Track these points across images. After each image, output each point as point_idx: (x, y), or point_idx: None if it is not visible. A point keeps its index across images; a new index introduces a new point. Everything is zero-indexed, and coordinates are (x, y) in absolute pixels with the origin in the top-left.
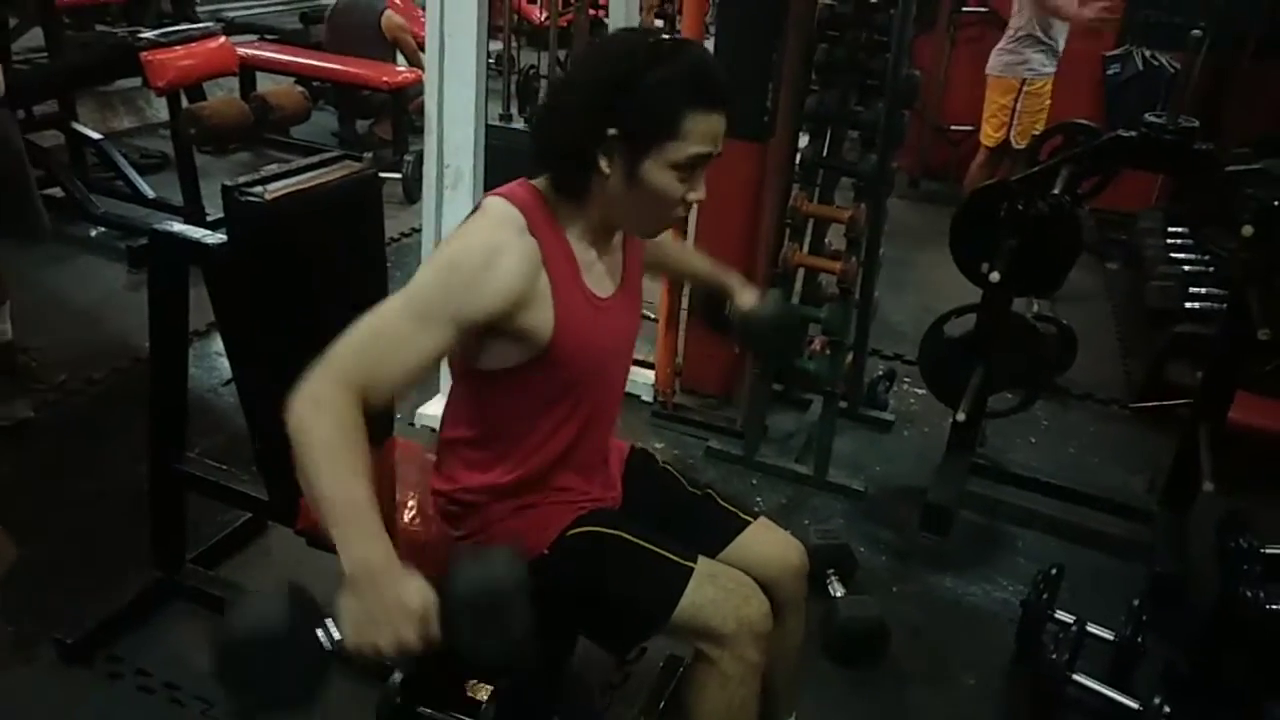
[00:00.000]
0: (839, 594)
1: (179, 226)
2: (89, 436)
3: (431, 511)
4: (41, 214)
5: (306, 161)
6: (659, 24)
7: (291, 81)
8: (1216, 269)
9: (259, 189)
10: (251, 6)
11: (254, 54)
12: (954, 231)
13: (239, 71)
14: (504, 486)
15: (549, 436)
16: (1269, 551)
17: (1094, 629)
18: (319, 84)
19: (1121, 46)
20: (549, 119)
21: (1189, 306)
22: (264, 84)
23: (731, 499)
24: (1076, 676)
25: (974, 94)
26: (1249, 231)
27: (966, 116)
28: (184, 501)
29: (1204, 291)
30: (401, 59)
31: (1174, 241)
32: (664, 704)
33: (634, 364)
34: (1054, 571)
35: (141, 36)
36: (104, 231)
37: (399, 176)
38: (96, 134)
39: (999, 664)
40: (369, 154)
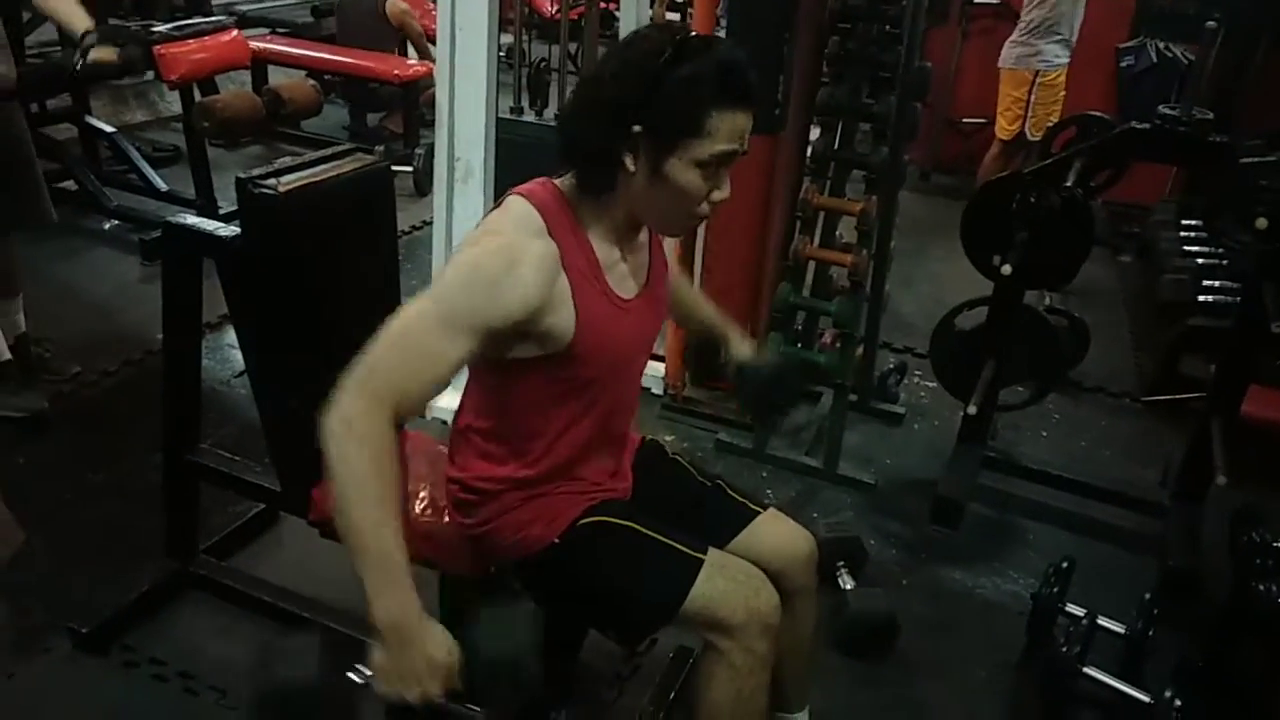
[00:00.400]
0: (849, 587)
1: (192, 219)
2: (103, 428)
3: (443, 502)
4: (47, 202)
5: (318, 154)
6: (673, 17)
7: (303, 75)
8: (1230, 262)
9: (272, 182)
10: (263, 0)
11: (266, 47)
12: (965, 224)
13: (251, 65)
14: (519, 479)
15: (565, 431)
16: None
17: (1105, 622)
18: (330, 77)
19: (1136, 38)
20: (574, 115)
21: (1202, 299)
22: (276, 77)
23: (741, 490)
24: (1087, 670)
25: (986, 87)
26: (1263, 224)
27: (978, 109)
28: (197, 492)
29: (1217, 284)
30: (412, 48)
31: (1187, 234)
32: (674, 695)
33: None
34: (1065, 565)
35: (154, 30)
36: (117, 224)
37: (410, 169)
38: (110, 127)
39: (1009, 657)
40: (380, 147)
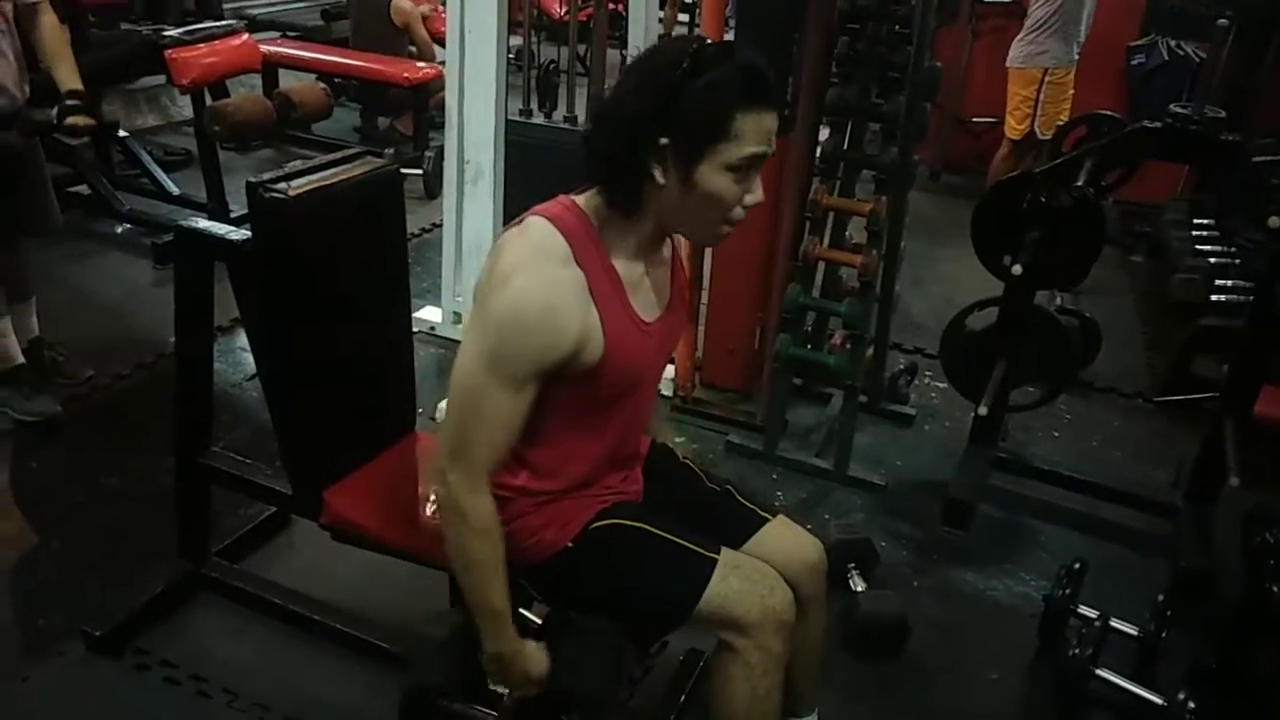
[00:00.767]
0: (860, 589)
1: (203, 223)
2: (115, 431)
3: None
4: (55, 209)
5: (329, 158)
6: (682, 18)
7: (314, 78)
8: (1242, 261)
9: (282, 185)
10: (274, 4)
11: (276, 51)
12: (976, 224)
13: (262, 69)
14: (532, 490)
15: (580, 446)
16: None
17: (1118, 624)
18: (341, 80)
19: (1146, 36)
20: (599, 133)
21: (1214, 299)
22: (286, 81)
23: (750, 496)
24: (1100, 672)
25: (996, 86)
26: (1276, 223)
27: (988, 109)
28: (209, 495)
29: (1230, 284)
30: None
31: (1199, 233)
32: (685, 697)
33: None
34: (1077, 566)
35: (166, 34)
36: (129, 228)
37: (420, 172)
38: (122, 131)
39: (1021, 659)
40: (390, 150)
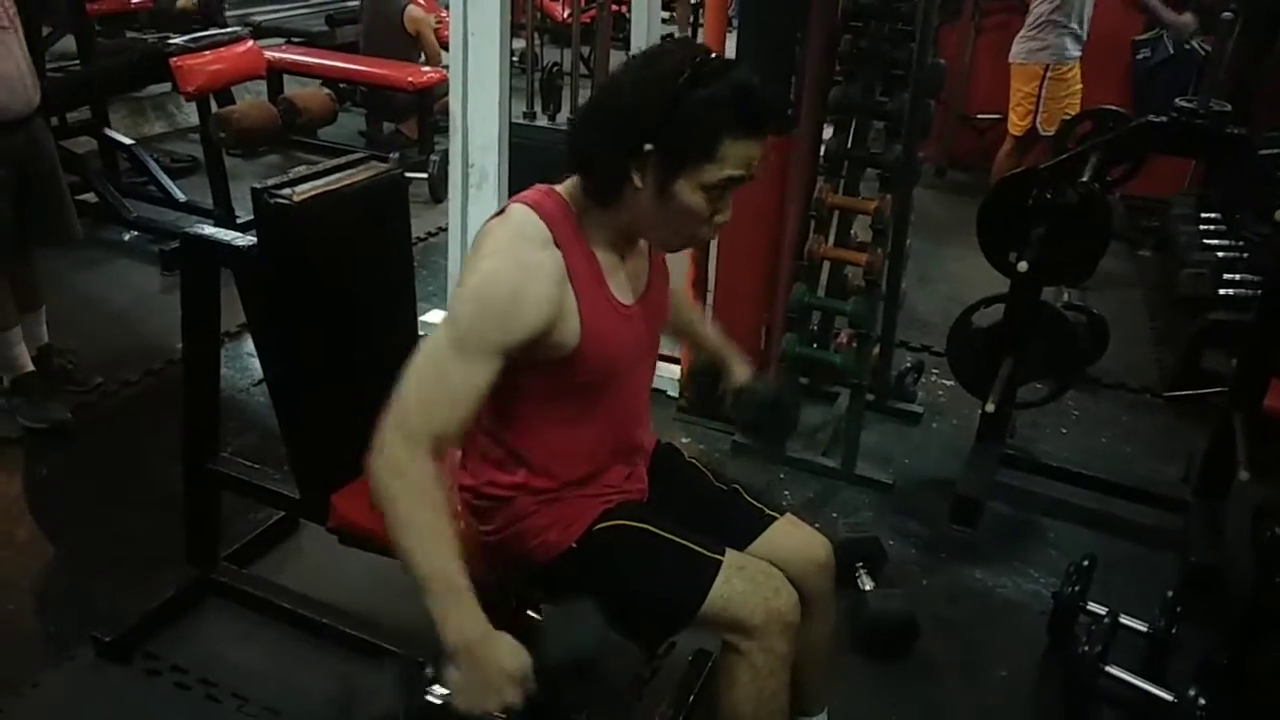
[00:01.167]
0: (868, 587)
1: (209, 229)
2: (124, 437)
3: (458, 508)
4: (74, 219)
5: (333, 163)
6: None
7: (318, 84)
8: (1251, 255)
9: (287, 191)
10: (278, 10)
11: (281, 57)
12: (981, 221)
13: (266, 75)
14: (532, 487)
15: (572, 436)
16: None
17: (1127, 621)
18: (345, 86)
19: (1152, 30)
20: (588, 124)
21: (1223, 293)
22: (291, 87)
23: (758, 494)
24: (1109, 669)
25: (1000, 82)
26: None
27: (993, 105)
28: (218, 500)
29: (1238, 278)
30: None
31: (1207, 227)
32: (692, 699)
33: (659, 359)
34: (1086, 563)
35: (171, 42)
36: (137, 235)
37: (425, 176)
38: (128, 139)
39: (1031, 657)
40: (395, 154)
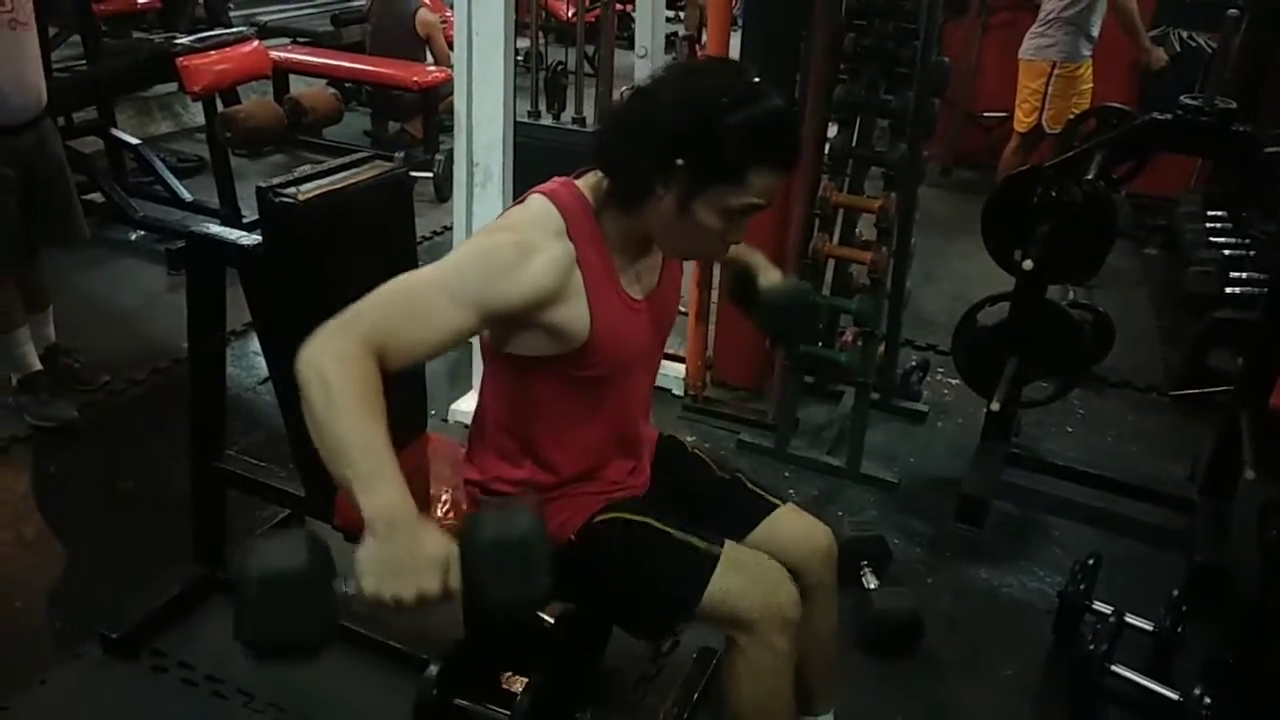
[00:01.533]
0: (873, 586)
1: (215, 228)
2: (131, 436)
3: (465, 505)
4: (81, 219)
5: (339, 162)
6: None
7: (324, 83)
8: (1257, 253)
9: (292, 190)
10: (284, 10)
11: (287, 57)
12: (986, 219)
13: (272, 75)
14: (537, 483)
15: (577, 431)
16: None
17: (1133, 620)
18: (351, 85)
19: (1158, 27)
20: (622, 129)
21: (1229, 291)
22: (297, 86)
23: (760, 483)
24: (1115, 668)
25: (1007, 80)
26: None
27: (999, 103)
28: (224, 498)
29: (1244, 276)
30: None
31: (1213, 225)
32: (698, 696)
33: (664, 358)
34: (1091, 562)
35: (177, 42)
36: (143, 235)
37: (430, 175)
38: (135, 139)
39: (1036, 656)
40: (400, 153)
